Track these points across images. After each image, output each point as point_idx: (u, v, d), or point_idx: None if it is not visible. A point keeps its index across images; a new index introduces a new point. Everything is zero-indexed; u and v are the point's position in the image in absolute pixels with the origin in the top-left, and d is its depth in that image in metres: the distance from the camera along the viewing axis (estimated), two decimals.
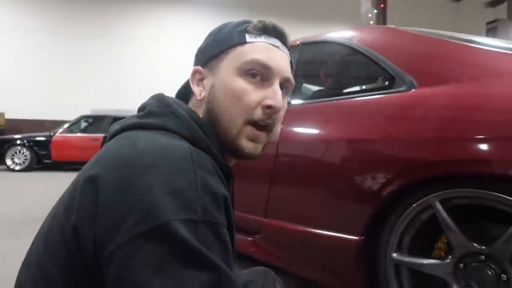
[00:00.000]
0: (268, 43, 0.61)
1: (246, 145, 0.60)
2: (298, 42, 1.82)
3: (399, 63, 1.29)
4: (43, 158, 7.10)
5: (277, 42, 0.62)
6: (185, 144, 0.50)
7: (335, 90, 1.79)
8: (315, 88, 1.97)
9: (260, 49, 0.60)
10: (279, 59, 0.61)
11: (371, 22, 6.03)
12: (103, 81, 10.50)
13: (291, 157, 1.54)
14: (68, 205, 0.49)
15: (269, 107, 0.58)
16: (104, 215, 0.44)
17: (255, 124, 0.59)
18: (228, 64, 0.60)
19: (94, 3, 10.66)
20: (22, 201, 3.87)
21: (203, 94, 0.62)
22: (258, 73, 0.59)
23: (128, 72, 10.57)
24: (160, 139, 0.51)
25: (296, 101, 1.69)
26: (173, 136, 0.53)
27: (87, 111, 8.21)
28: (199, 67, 0.64)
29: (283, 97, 0.62)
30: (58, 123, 8.17)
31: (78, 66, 10.43)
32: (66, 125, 7.46)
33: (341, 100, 1.44)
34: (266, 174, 1.56)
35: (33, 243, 0.55)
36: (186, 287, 0.40)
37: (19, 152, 7.04)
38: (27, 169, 7.00)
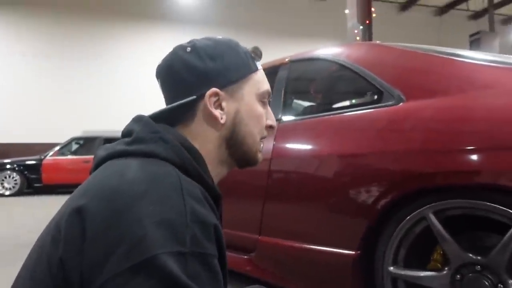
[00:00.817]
0: (261, 69, 0.70)
1: (259, 155, 0.70)
2: (287, 59, 1.85)
3: (386, 77, 1.32)
4: (33, 182, 6.99)
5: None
6: (174, 172, 0.50)
7: (325, 106, 1.81)
8: (305, 104, 2.00)
9: (264, 77, 0.69)
10: None
11: (358, 38, 6.16)
12: (94, 103, 10.48)
13: (284, 173, 1.54)
14: (54, 237, 0.48)
15: (271, 126, 0.70)
16: (91, 248, 0.43)
17: (263, 139, 0.70)
18: (250, 91, 0.66)
19: (83, 24, 10.74)
20: (12, 227, 3.78)
21: (224, 118, 0.63)
22: (267, 100, 0.69)
23: (118, 93, 10.57)
24: (149, 168, 0.50)
25: (287, 118, 1.71)
26: (162, 162, 0.52)
27: (78, 133, 8.15)
28: (218, 90, 0.61)
29: None
30: (48, 146, 8.08)
31: (68, 88, 10.41)
32: (56, 148, 7.38)
33: (331, 116, 1.46)
34: (260, 191, 1.55)
35: (18, 275, 0.52)
36: None
37: (9, 176, 6.92)
38: (18, 193, 6.87)
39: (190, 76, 0.62)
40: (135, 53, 10.93)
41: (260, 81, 0.67)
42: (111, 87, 10.66)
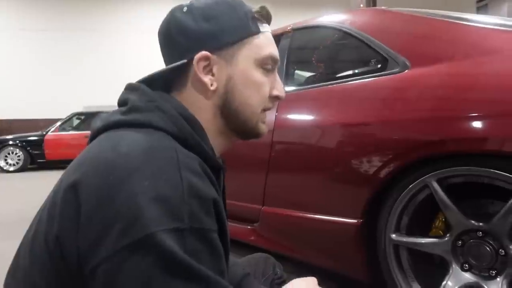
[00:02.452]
0: (270, 32, 0.63)
1: (262, 127, 0.64)
2: (289, 28, 1.80)
3: (391, 44, 1.28)
4: (37, 158, 7.04)
5: (269, 28, 0.64)
6: (171, 144, 0.48)
7: (329, 75, 1.78)
8: (308, 74, 1.96)
9: (270, 41, 0.61)
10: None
11: (362, 5, 5.99)
12: (95, 78, 10.38)
13: (286, 144, 1.54)
14: (50, 213, 0.47)
15: (276, 97, 0.63)
16: (87, 225, 0.42)
17: (266, 109, 0.64)
18: (247, 56, 0.59)
19: None
20: (18, 202, 3.85)
21: (215, 84, 0.58)
22: (271, 67, 0.62)
23: (120, 67, 10.43)
24: (144, 139, 0.48)
25: (289, 88, 1.68)
26: (159, 134, 0.50)
27: (79, 108, 8.13)
28: (208, 53, 0.56)
29: None
30: (49, 122, 8.08)
31: (68, 63, 10.29)
32: (58, 123, 7.38)
33: (335, 85, 1.44)
34: (263, 162, 1.55)
35: (18, 250, 0.53)
36: None
37: (12, 152, 6.97)
38: (21, 169, 6.94)
39: (182, 38, 0.58)
40: (137, 26, 10.68)
41: (261, 45, 0.59)
42: (112, 61, 10.51)
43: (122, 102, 0.57)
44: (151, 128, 0.50)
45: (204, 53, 0.56)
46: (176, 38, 0.59)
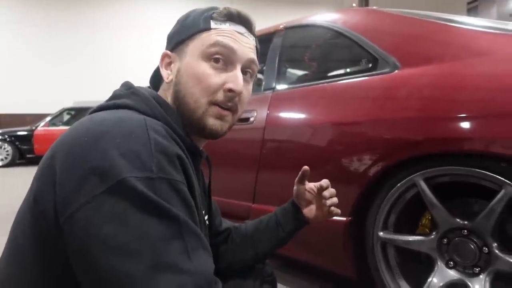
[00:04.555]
0: (233, 29, 0.63)
1: (212, 122, 0.62)
2: (282, 26, 1.80)
3: (382, 44, 1.30)
4: (26, 153, 6.95)
5: (242, 29, 0.65)
6: (140, 116, 0.53)
7: (320, 73, 1.79)
8: (300, 72, 1.97)
9: (224, 33, 0.62)
10: (243, 43, 0.64)
11: (354, 4, 6.01)
12: (85, 73, 10.26)
13: (277, 142, 1.55)
14: (33, 179, 0.52)
15: (230, 90, 0.61)
16: (63, 180, 0.46)
17: (219, 104, 0.62)
18: (193, 49, 0.63)
19: None
20: (6, 197, 3.80)
21: (170, 77, 0.65)
22: (221, 58, 0.62)
23: (110, 63, 10.33)
24: (117, 113, 0.53)
25: (281, 86, 1.69)
26: (133, 112, 0.55)
27: (69, 104, 8.03)
28: (167, 52, 0.66)
29: (247, 81, 0.66)
30: (39, 117, 7.97)
31: (59, 58, 10.15)
32: (48, 119, 7.28)
33: (326, 84, 1.45)
34: (254, 159, 1.56)
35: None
36: (150, 236, 0.43)
37: (1, 147, 6.86)
38: (10, 164, 6.85)
39: (166, 42, 0.69)
40: (127, 22, 10.58)
41: (208, 39, 0.61)
42: (103, 56, 10.40)
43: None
44: (126, 109, 0.56)
45: (165, 51, 0.66)
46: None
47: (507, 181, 0.93)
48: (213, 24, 0.62)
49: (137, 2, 10.76)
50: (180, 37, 0.65)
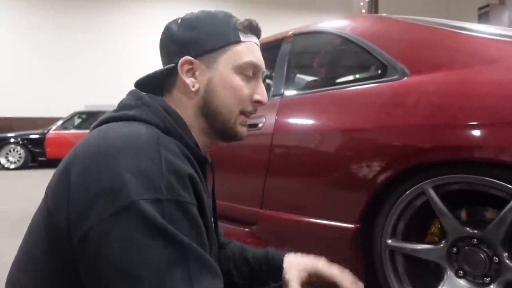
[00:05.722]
0: (254, 42, 0.68)
1: (241, 130, 0.68)
2: (290, 33, 1.82)
3: (391, 51, 1.30)
4: (37, 156, 7.07)
5: (257, 41, 0.69)
6: (152, 131, 0.54)
7: (329, 80, 1.79)
8: (309, 78, 1.98)
9: (251, 49, 0.66)
10: (261, 57, 0.69)
11: (363, 11, 6.01)
12: (96, 77, 10.40)
13: (286, 148, 1.55)
14: (47, 191, 0.54)
15: (258, 101, 0.68)
16: (76, 197, 0.48)
17: (246, 114, 0.68)
18: (226, 61, 0.64)
19: None
20: (19, 199, 3.86)
21: (196, 86, 0.64)
22: (251, 73, 0.67)
23: (121, 66, 10.46)
24: (130, 128, 0.54)
25: (290, 92, 1.70)
26: (145, 125, 0.56)
27: (81, 107, 8.15)
28: (191, 58, 0.64)
29: None
30: (51, 120, 8.10)
31: (70, 62, 10.32)
32: (59, 122, 7.40)
33: (335, 90, 1.45)
34: (262, 165, 1.56)
35: (24, 236, 0.58)
36: (154, 262, 0.44)
37: (13, 150, 6.99)
38: (22, 167, 6.96)
39: (172, 45, 0.66)
40: (139, 26, 10.73)
41: (240, 53, 0.65)
42: (114, 60, 10.55)
43: (118, 104, 0.65)
44: (137, 121, 0.57)
45: (187, 57, 0.64)
46: (168, 45, 0.67)
47: None
48: (242, 37, 0.65)
49: (148, 6, 10.92)
50: (207, 46, 0.64)
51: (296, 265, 0.81)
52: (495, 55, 1.08)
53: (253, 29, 0.67)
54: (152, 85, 0.68)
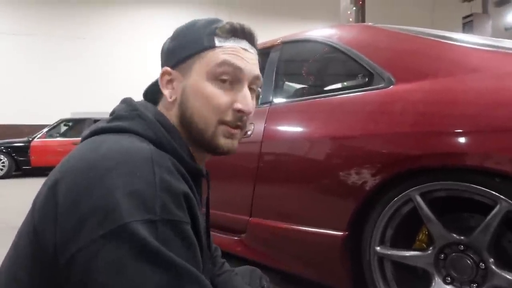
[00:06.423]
0: (238, 46, 0.62)
1: (224, 142, 0.62)
2: (279, 41, 1.83)
3: (377, 60, 1.31)
4: (22, 164, 6.90)
5: (246, 44, 0.63)
6: (147, 146, 0.52)
7: (317, 88, 1.81)
8: (297, 86, 1.99)
9: (230, 52, 0.61)
10: (248, 60, 0.63)
11: (350, 20, 6.11)
12: (82, 84, 10.28)
13: (274, 155, 1.55)
14: (32, 209, 0.51)
15: (239, 111, 0.61)
16: (65, 217, 0.45)
17: (228, 124, 0.62)
18: (199, 68, 0.61)
19: (71, 3, 10.42)
20: (2, 209, 3.76)
21: (173, 96, 0.63)
22: (228, 78, 0.61)
23: (108, 74, 10.38)
24: (123, 142, 0.51)
25: (278, 100, 1.70)
26: (138, 138, 0.54)
27: (67, 115, 8.03)
28: (168, 69, 0.63)
29: (252, 97, 0.65)
30: (36, 128, 7.95)
31: (56, 69, 10.18)
32: (45, 130, 7.26)
33: (323, 98, 1.46)
34: (251, 173, 1.56)
35: (7, 252, 0.55)
36: (145, 286, 0.42)
37: None
38: (6, 176, 6.79)
39: (162, 57, 0.67)
40: (125, 34, 10.68)
41: (214, 58, 0.60)
42: (100, 67, 10.45)
43: (111, 113, 0.62)
44: (131, 133, 0.55)
45: (165, 68, 0.63)
46: (160, 57, 0.68)
47: (502, 196, 0.94)
48: (217, 42, 0.61)
49: (135, 14, 10.88)
50: (182, 55, 0.62)
51: None
52: (477, 64, 1.11)
53: (237, 33, 0.62)
54: (155, 92, 0.68)
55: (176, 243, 0.45)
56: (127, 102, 0.62)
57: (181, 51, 0.63)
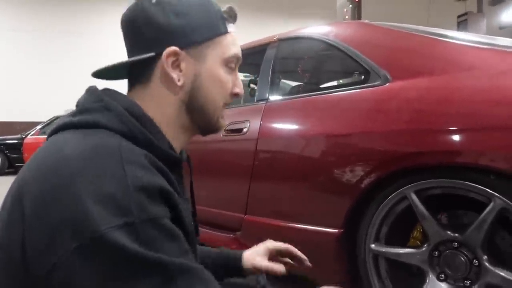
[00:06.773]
0: (235, 31, 0.64)
1: (222, 122, 0.66)
2: (275, 38, 1.82)
3: (373, 57, 1.31)
4: (15, 162, 6.86)
5: (236, 29, 0.65)
6: (115, 142, 0.48)
7: (313, 85, 1.81)
8: (293, 83, 1.99)
9: (235, 41, 0.63)
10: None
11: (347, 17, 6.12)
12: (76, 81, 10.15)
13: (270, 153, 1.55)
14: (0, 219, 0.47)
15: (236, 94, 0.65)
16: (34, 231, 0.42)
17: (225, 105, 0.66)
18: (215, 54, 0.60)
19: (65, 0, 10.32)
20: None
21: (182, 80, 0.58)
22: (233, 65, 0.64)
23: None
24: (88, 140, 0.47)
25: (275, 97, 1.70)
26: (107, 133, 0.49)
27: (60, 112, 7.95)
28: (177, 49, 0.56)
29: None
30: (29, 125, 7.88)
31: (50, 66, 10.08)
32: (38, 127, 7.20)
33: (319, 96, 1.46)
34: (246, 171, 1.56)
35: None
36: None
37: None
38: None
39: (150, 32, 0.57)
40: (120, 30, 10.59)
41: (228, 45, 0.61)
42: (94, 64, 10.26)
43: (76, 104, 0.57)
44: (98, 128, 0.50)
45: (174, 48, 0.56)
46: (143, 29, 0.58)
47: (496, 193, 0.94)
48: (228, 28, 0.61)
49: None
50: (197, 38, 0.58)
51: (255, 252, 0.88)
52: (473, 62, 1.11)
53: (235, 17, 0.63)
54: (115, 77, 0.63)
55: (160, 240, 0.43)
56: (91, 91, 0.56)
57: (195, 33, 0.58)
